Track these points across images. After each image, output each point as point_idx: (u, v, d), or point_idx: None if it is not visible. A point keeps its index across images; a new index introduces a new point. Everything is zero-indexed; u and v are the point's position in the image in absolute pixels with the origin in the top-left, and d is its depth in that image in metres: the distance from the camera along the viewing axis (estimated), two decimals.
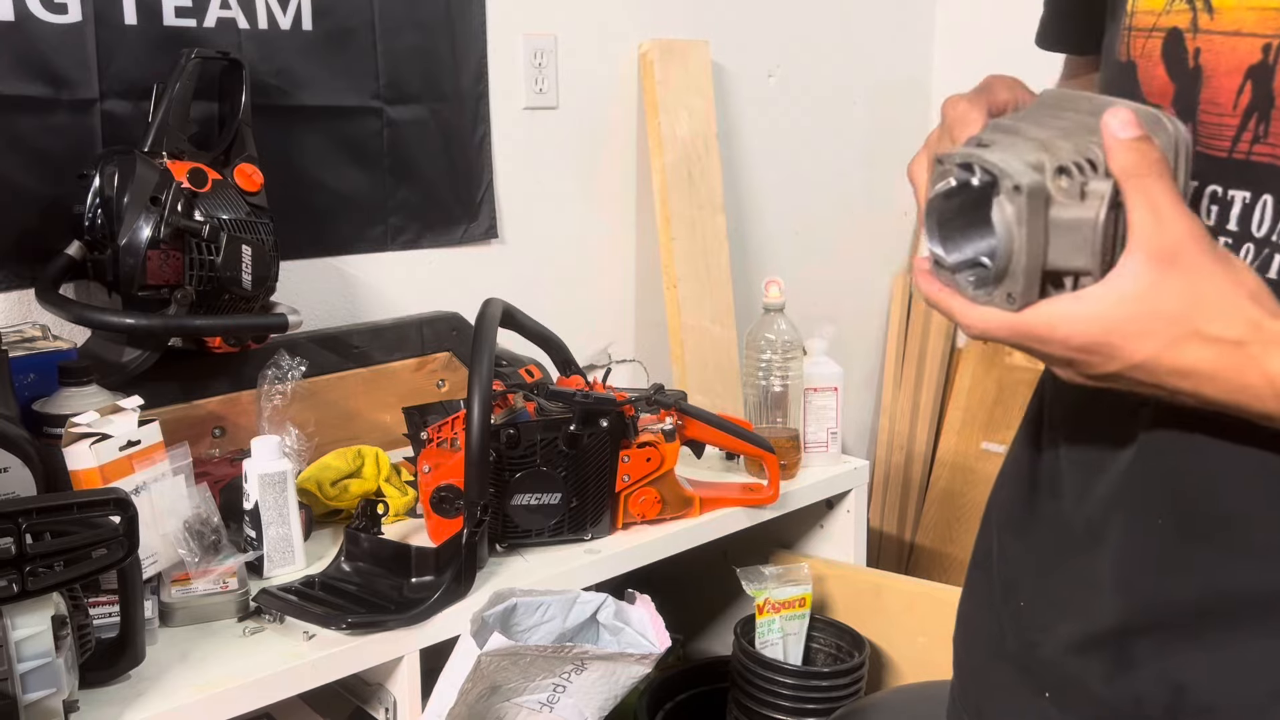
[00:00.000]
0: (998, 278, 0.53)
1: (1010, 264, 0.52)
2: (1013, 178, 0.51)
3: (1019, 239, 0.51)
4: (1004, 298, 0.53)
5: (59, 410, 1.12)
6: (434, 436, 1.25)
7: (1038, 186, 0.51)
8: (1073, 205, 0.51)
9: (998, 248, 0.52)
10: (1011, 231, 0.51)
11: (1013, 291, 0.52)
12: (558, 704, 1.09)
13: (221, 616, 1.09)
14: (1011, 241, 0.51)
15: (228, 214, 1.28)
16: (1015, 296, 0.52)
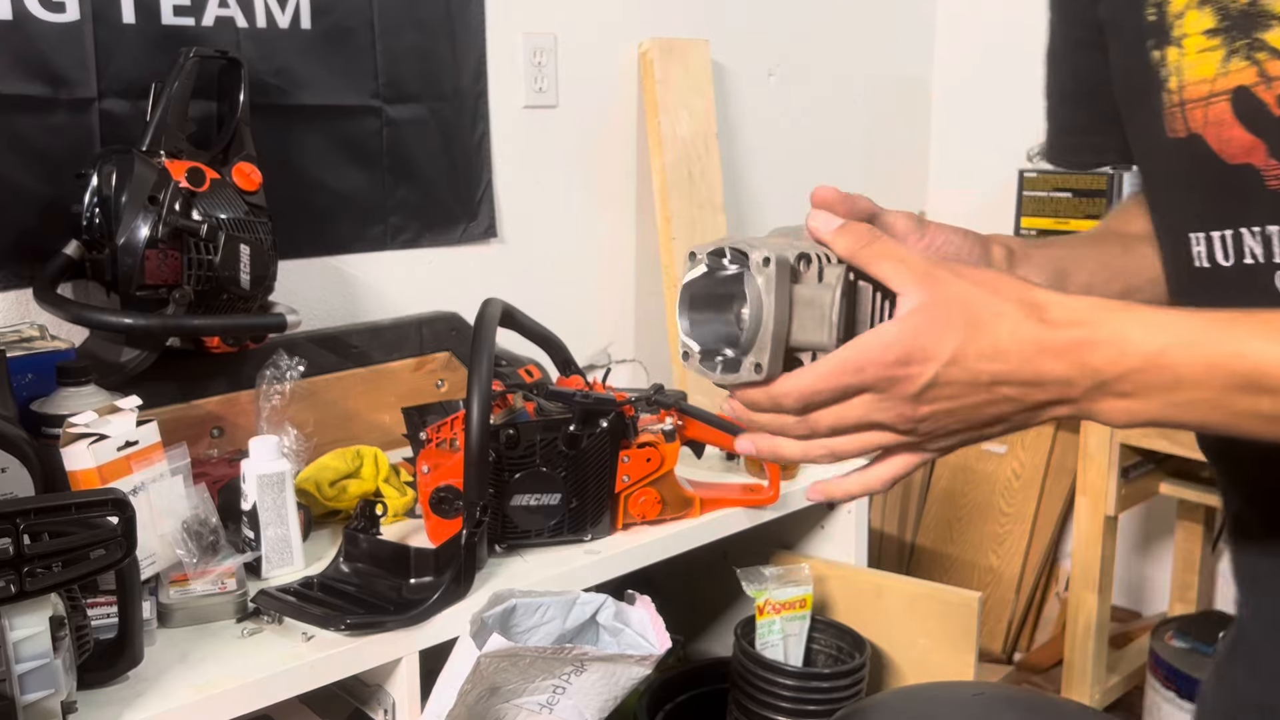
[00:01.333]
0: (746, 349, 0.56)
1: (759, 334, 0.56)
2: (762, 252, 0.55)
3: (768, 307, 0.55)
4: (752, 368, 0.56)
5: (57, 410, 1.12)
6: (433, 437, 1.24)
7: (784, 259, 0.56)
8: (813, 285, 0.57)
9: (747, 321, 0.56)
10: (761, 300, 0.55)
11: (760, 361, 0.56)
12: (557, 705, 1.09)
13: (220, 617, 1.09)
14: (761, 310, 0.55)
15: (226, 213, 1.28)
16: (763, 366, 0.56)
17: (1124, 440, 1.83)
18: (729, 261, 0.57)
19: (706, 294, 0.59)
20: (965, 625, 1.45)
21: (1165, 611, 2.29)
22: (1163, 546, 2.35)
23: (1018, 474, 2.29)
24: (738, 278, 0.57)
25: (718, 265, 0.58)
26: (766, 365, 0.55)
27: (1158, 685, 1.78)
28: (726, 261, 0.57)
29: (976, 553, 2.32)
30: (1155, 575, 2.37)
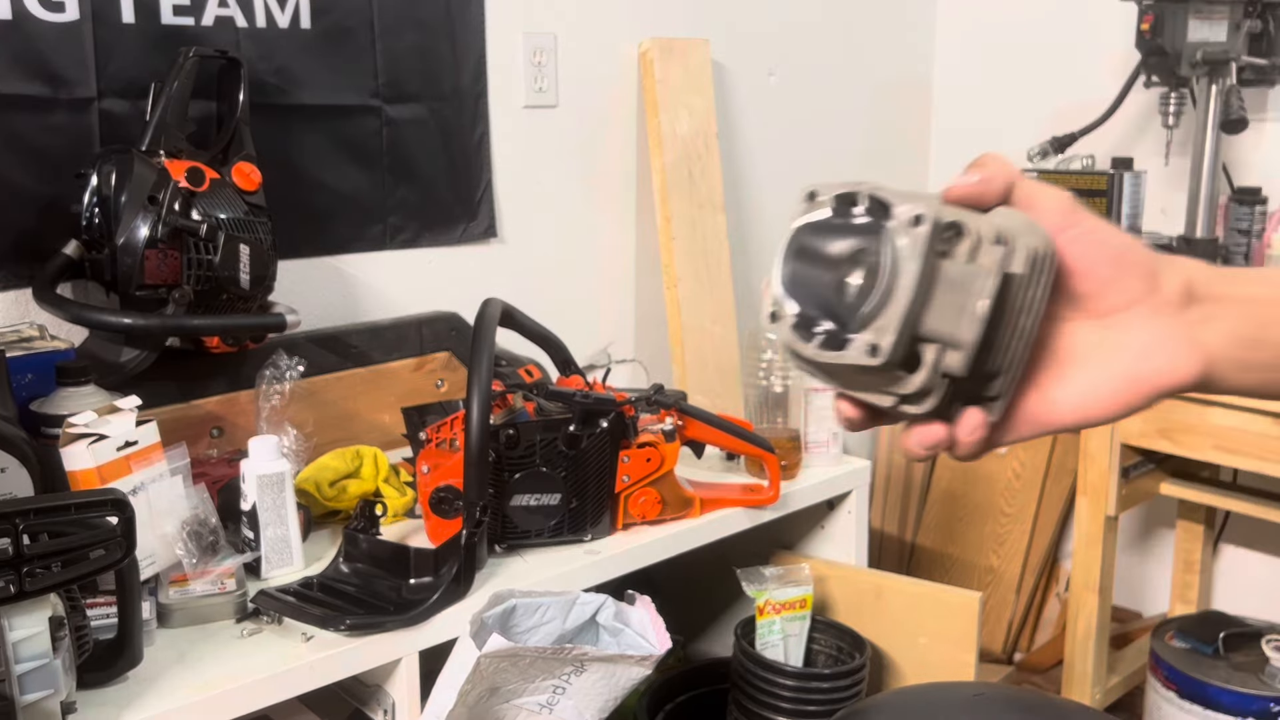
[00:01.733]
0: (862, 323, 0.44)
1: (886, 308, 0.44)
2: (913, 206, 0.44)
3: (907, 278, 0.44)
4: (865, 350, 0.44)
5: (57, 410, 1.12)
6: (433, 437, 1.24)
7: (940, 223, 0.44)
8: (962, 264, 0.45)
9: (873, 288, 0.44)
10: (899, 268, 0.44)
11: (879, 343, 0.44)
12: (557, 705, 1.08)
13: (219, 618, 1.09)
14: (896, 280, 0.44)
15: (226, 213, 1.28)
16: (881, 350, 0.44)
17: (1125, 440, 1.83)
18: (862, 211, 0.46)
19: (822, 245, 0.47)
20: (965, 625, 1.45)
21: (1166, 612, 2.29)
22: (1163, 546, 2.34)
23: (1018, 474, 2.29)
24: (870, 232, 0.45)
25: (845, 212, 0.46)
26: (886, 349, 0.44)
27: (1158, 686, 1.78)
28: (859, 210, 0.46)
29: (977, 553, 2.32)
30: (1156, 575, 2.37)
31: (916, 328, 0.44)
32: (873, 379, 0.46)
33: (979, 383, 0.47)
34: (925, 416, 0.47)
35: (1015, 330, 0.46)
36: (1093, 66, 2.19)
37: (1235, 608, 1.99)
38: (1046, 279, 0.46)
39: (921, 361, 0.45)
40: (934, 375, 0.45)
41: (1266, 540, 2.19)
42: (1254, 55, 1.85)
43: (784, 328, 0.47)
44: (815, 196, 0.47)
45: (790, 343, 0.47)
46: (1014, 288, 0.45)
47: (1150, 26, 1.85)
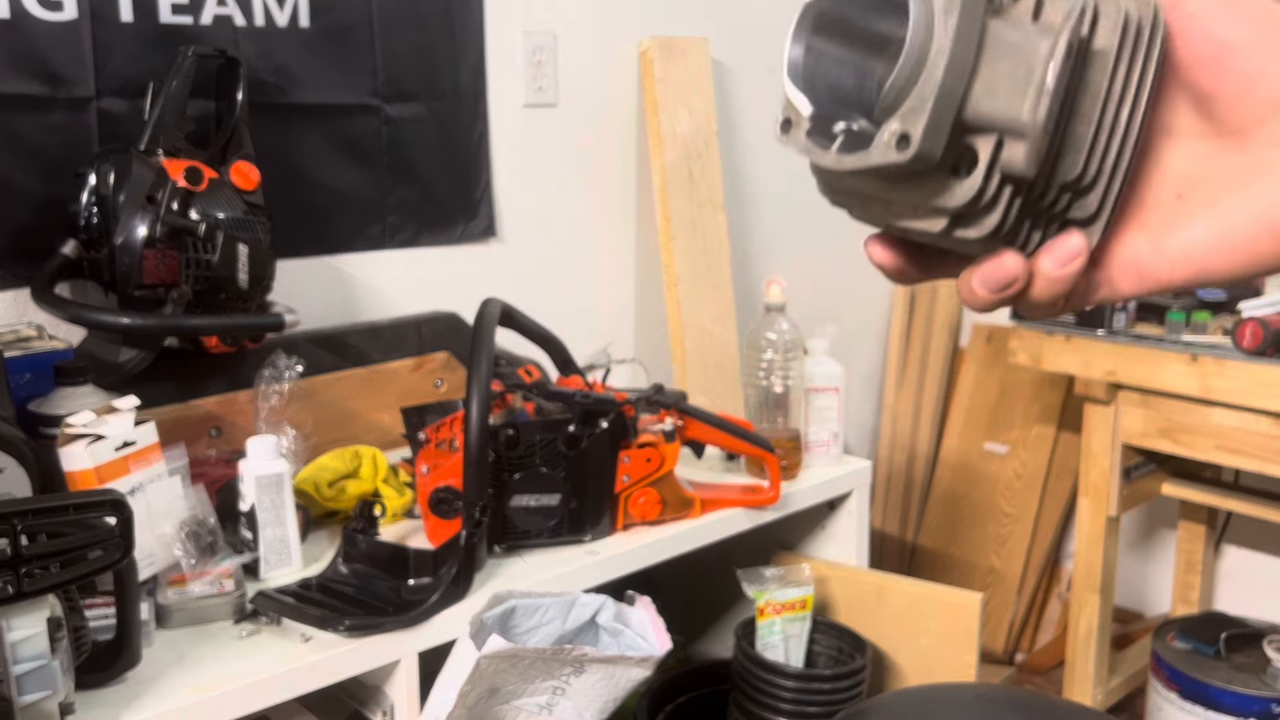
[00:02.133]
0: (890, 106, 0.34)
1: (918, 82, 0.33)
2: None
3: (944, 35, 0.33)
4: (892, 140, 0.34)
5: (55, 410, 1.11)
6: (432, 437, 1.24)
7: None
8: (1024, 25, 0.34)
9: (904, 56, 0.33)
10: (931, 26, 0.33)
11: (909, 130, 0.33)
12: (557, 707, 1.08)
13: (218, 618, 1.08)
14: (928, 42, 0.33)
15: (224, 213, 1.27)
16: (912, 138, 0.33)
17: (1126, 441, 1.82)
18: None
19: (841, 15, 0.37)
20: (967, 626, 1.44)
21: (1167, 612, 2.28)
22: (1165, 547, 2.34)
23: (1019, 474, 2.29)
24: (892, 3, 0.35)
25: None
26: (918, 137, 0.33)
27: (1160, 687, 1.78)
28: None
29: (978, 553, 2.32)
30: (1157, 576, 2.36)
31: (961, 108, 0.34)
32: (912, 192, 0.35)
33: (1062, 198, 0.36)
34: (989, 242, 0.36)
35: (1107, 123, 0.35)
36: None
37: (1237, 608, 1.99)
38: (1149, 56, 0.35)
39: (975, 160, 0.34)
40: (991, 177, 0.34)
41: (1268, 541, 2.18)
42: None
43: (798, 134, 0.37)
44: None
45: (806, 151, 0.36)
46: (1099, 62, 0.35)
47: None
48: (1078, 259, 0.36)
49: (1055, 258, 0.36)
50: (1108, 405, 1.81)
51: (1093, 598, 1.90)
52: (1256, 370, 1.60)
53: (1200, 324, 1.75)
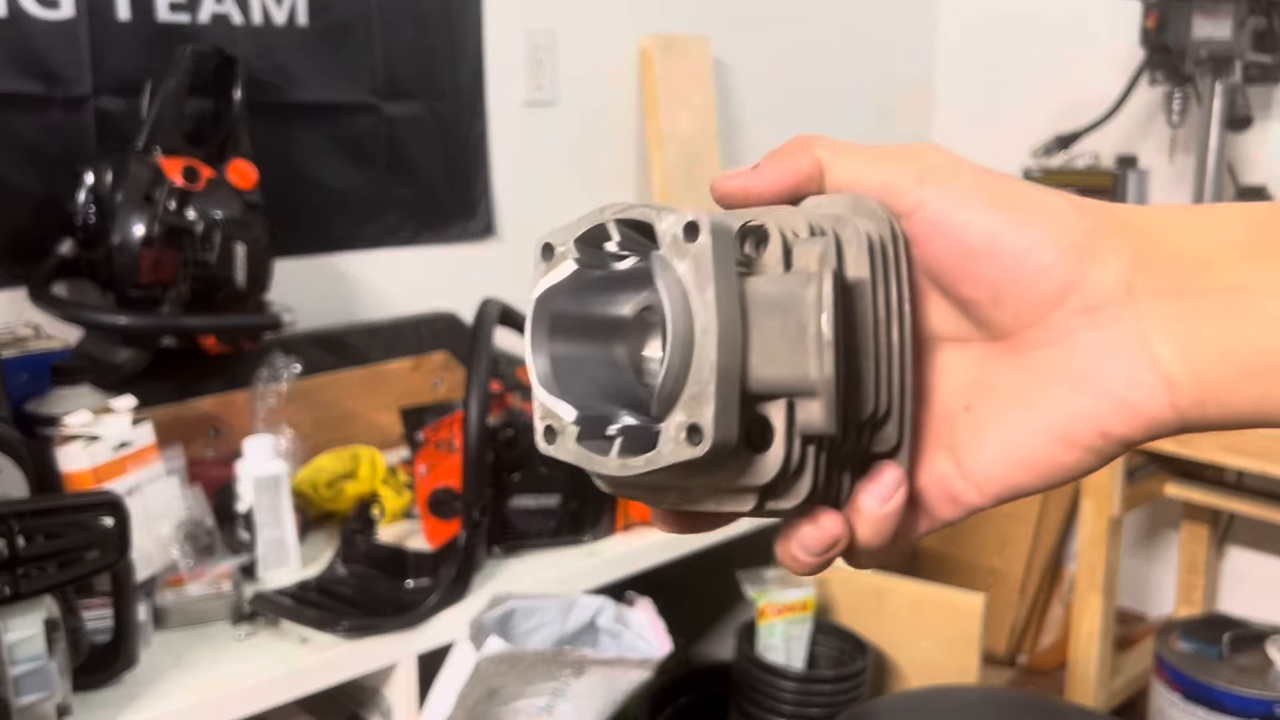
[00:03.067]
0: (669, 397, 0.31)
1: (695, 366, 0.30)
2: (682, 216, 0.31)
3: (705, 314, 0.30)
4: (680, 434, 0.30)
5: (52, 411, 1.11)
6: (431, 438, 1.23)
7: (724, 228, 0.32)
8: (778, 278, 0.32)
9: (669, 345, 0.30)
10: (689, 304, 0.31)
11: (698, 421, 0.30)
12: (556, 709, 1.07)
13: (216, 620, 1.08)
14: (690, 322, 0.30)
15: (222, 212, 1.27)
16: (703, 430, 0.30)
17: None
18: (617, 246, 0.33)
19: (578, 312, 0.35)
20: (969, 628, 1.44)
21: (1170, 614, 2.28)
22: (1167, 548, 2.33)
23: None
24: (637, 276, 0.33)
25: (595, 258, 0.34)
26: (709, 426, 0.30)
27: (1163, 688, 1.77)
28: (613, 247, 0.34)
29: (980, 554, 2.31)
30: (1160, 577, 2.36)
31: (744, 383, 0.31)
32: (708, 476, 0.32)
33: (862, 436, 0.34)
34: (804, 507, 0.33)
35: (884, 351, 0.33)
36: (1097, 63, 2.18)
37: (1240, 610, 1.98)
38: (899, 272, 0.33)
39: (770, 430, 0.32)
40: (793, 442, 0.32)
41: (1271, 542, 2.17)
42: (1259, 52, 1.84)
43: (566, 442, 0.33)
44: (552, 250, 0.35)
45: (582, 460, 0.32)
46: (858, 292, 0.33)
47: (1155, 23, 1.84)
48: (900, 488, 0.33)
49: (877, 495, 0.33)
50: None
51: (1095, 599, 1.90)
52: None
53: None
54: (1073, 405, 0.32)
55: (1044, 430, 0.32)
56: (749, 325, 0.31)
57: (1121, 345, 0.31)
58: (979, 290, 0.33)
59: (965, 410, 0.34)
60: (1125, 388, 0.31)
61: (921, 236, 0.33)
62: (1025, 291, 0.32)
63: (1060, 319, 0.32)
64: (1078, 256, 0.31)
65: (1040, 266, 0.32)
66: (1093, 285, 0.31)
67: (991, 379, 0.34)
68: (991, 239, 0.32)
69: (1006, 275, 0.32)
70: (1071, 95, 2.19)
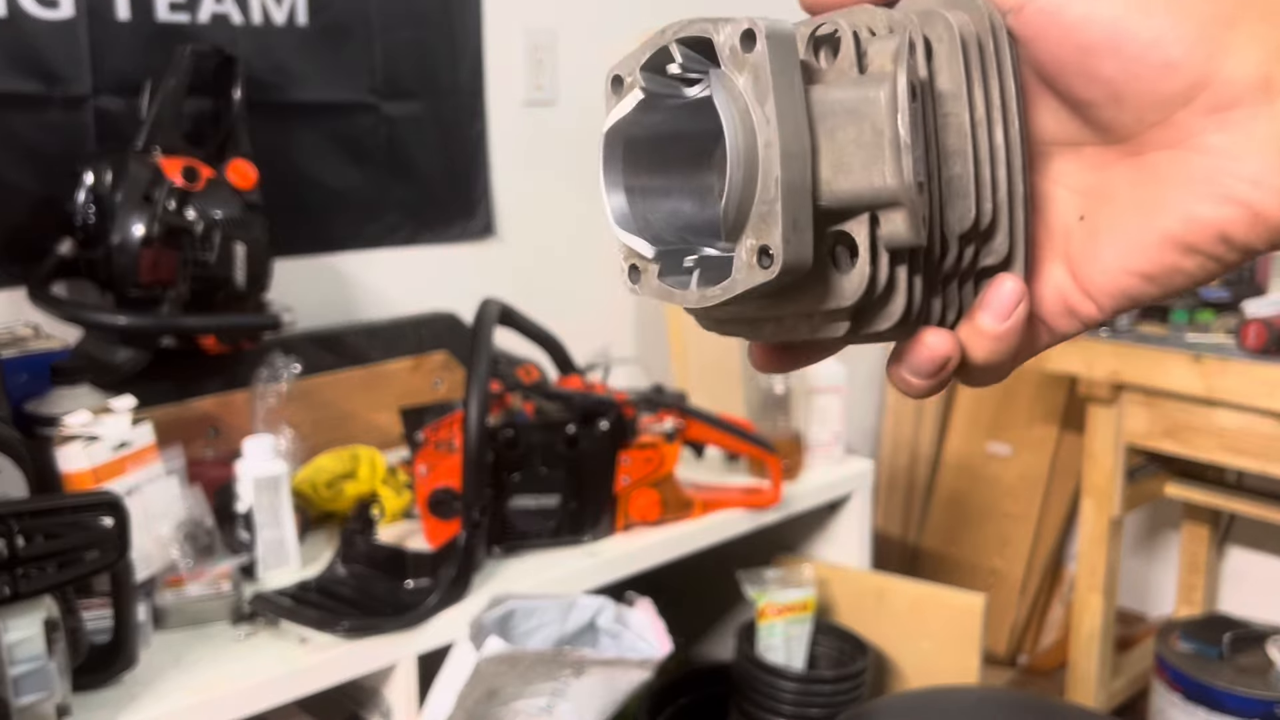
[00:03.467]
0: (737, 220, 0.29)
1: (761, 185, 0.29)
2: (739, 25, 0.29)
3: (767, 127, 0.28)
4: (752, 258, 0.29)
5: (51, 411, 1.11)
6: (430, 438, 1.23)
7: (783, 34, 0.29)
8: (849, 82, 0.30)
9: (730, 163, 0.29)
10: (749, 119, 0.29)
11: (768, 243, 0.28)
12: (556, 709, 1.07)
13: (215, 620, 1.08)
14: (753, 137, 0.29)
15: (222, 212, 1.27)
16: (773, 251, 0.28)
17: (1129, 442, 1.81)
18: (679, 68, 0.31)
19: (650, 143, 0.32)
20: (969, 628, 1.44)
21: (1170, 614, 2.28)
22: (1168, 548, 2.33)
23: (1022, 475, 2.28)
24: (707, 102, 0.30)
25: (662, 84, 0.32)
26: (780, 249, 0.28)
27: (1163, 689, 1.77)
28: (675, 69, 0.31)
29: (980, 555, 2.31)
30: (1160, 577, 2.35)
31: (816, 198, 0.29)
32: (797, 303, 0.31)
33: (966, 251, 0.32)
34: (904, 328, 0.31)
35: (985, 154, 0.31)
36: None
37: (1240, 610, 1.98)
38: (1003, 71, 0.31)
39: (854, 245, 0.30)
40: (879, 260, 0.30)
41: (1272, 542, 2.17)
42: None
43: (649, 280, 0.32)
44: (621, 81, 0.32)
45: (664, 296, 0.32)
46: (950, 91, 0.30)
47: None
48: (1020, 303, 0.31)
49: (995, 311, 0.31)
50: (1111, 405, 1.80)
51: (1095, 599, 1.89)
52: (1260, 370, 1.60)
53: (1204, 324, 1.74)
54: (1195, 210, 0.30)
55: (1164, 237, 0.31)
56: (818, 136, 0.29)
57: (1251, 147, 0.29)
58: (1096, 89, 0.30)
59: (1080, 220, 0.32)
60: (1250, 191, 0.29)
61: (1032, 32, 0.31)
62: (1149, 90, 0.30)
63: (1187, 118, 0.30)
64: (1210, 49, 0.29)
65: (1168, 62, 0.29)
66: (1224, 82, 0.29)
67: (1108, 185, 0.32)
68: (1113, 33, 0.29)
69: (1129, 72, 0.30)
70: None
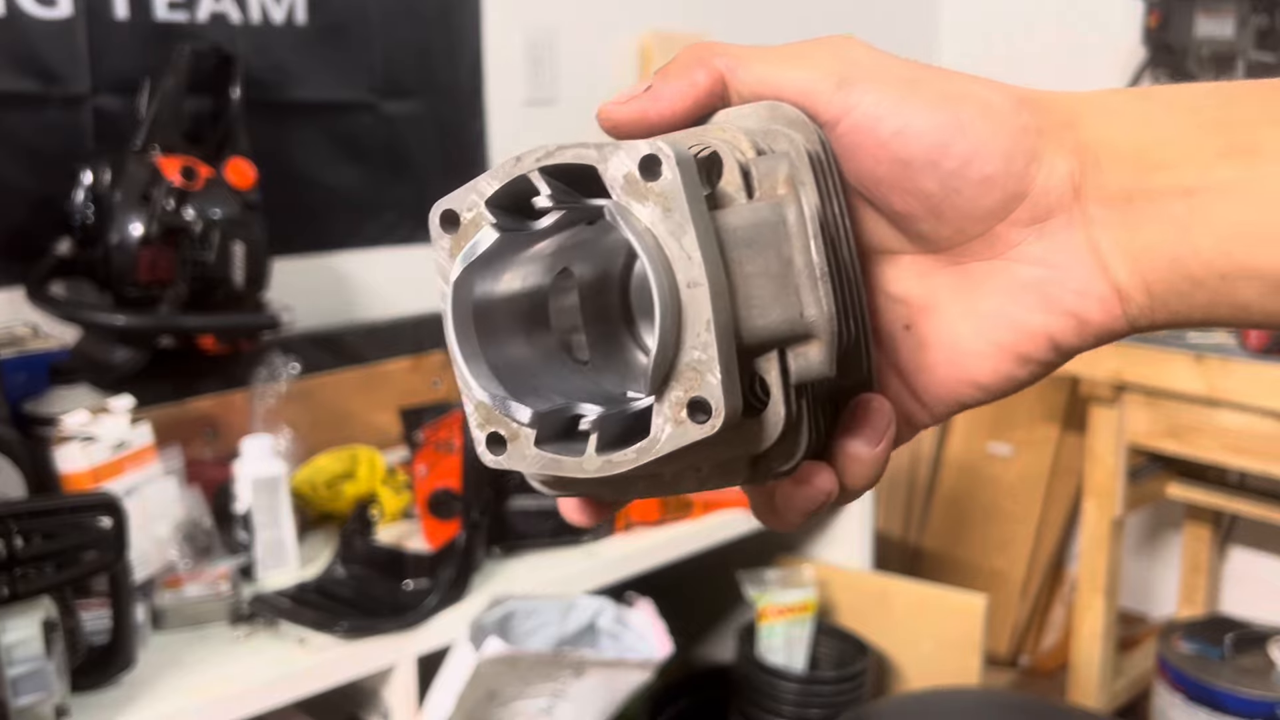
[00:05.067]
0: (663, 374, 0.25)
1: (686, 333, 0.25)
2: (631, 152, 0.26)
3: (685, 260, 0.25)
4: (680, 411, 0.25)
5: (49, 411, 1.10)
6: (430, 438, 1.23)
7: (686, 158, 0.26)
8: (745, 208, 0.27)
9: (658, 305, 0.25)
10: (670, 252, 0.25)
11: (706, 395, 0.25)
12: (556, 710, 1.07)
13: (214, 621, 1.07)
14: (673, 280, 0.25)
15: (220, 211, 1.26)
16: (713, 403, 0.25)
17: (1131, 442, 1.81)
18: (549, 198, 0.27)
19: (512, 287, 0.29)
20: (970, 629, 1.43)
21: (1172, 615, 2.27)
22: (1170, 549, 2.33)
23: (1023, 476, 2.27)
24: (582, 227, 0.28)
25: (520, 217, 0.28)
26: (721, 401, 0.25)
27: (1165, 690, 1.76)
28: (543, 200, 0.27)
29: (981, 555, 2.30)
30: (1162, 578, 2.35)
31: (741, 337, 0.26)
32: (694, 455, 0.27)
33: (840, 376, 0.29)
34: (797, 466, 0.29)
35: (847, 272, 0.29)
36: (1099, 62, 2.17)
37: (1242, 610, 1.98)
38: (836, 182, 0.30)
39: (766, 387, 0.27)
40: (791, 398, 0.27)
41: (1274, 542, 2.17)
42: (1262, 51, 1.83)
43: (522, 450, 0.27)
44: (455, 218, 0.28)
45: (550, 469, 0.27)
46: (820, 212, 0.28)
47: (1157, 22, 1.84)
48: (891, 423, 0.30)
49: (871, 435, 0.30)
50: (1112, 406, 1.80)
51: (1097, 600, 1.89)
52: (1262, 370, 1.59)
53: None
54: (1023, 320, 0.30)
55: (998, 348, 0.31)
56: (732, 269, 0.27)
57: (1070, 256, 0.29)
58: (916, 203, 0.30)
59: (906, 329, 0.32)
60: (1076, 300, 0.29)
61: (850, 145, 0.30)
62: (968, 204, 0.29)
63: (1006, 230, 0.30)
64: (1024, 162, 0.29)
65: (984, 176, 0.29)
66: (1040, 193, 0.29)
67: (931, 294, 0.31)
68: (931, 147, 0.29)
69: (948, 187, 0.29)
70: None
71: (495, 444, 0.27)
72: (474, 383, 0.27)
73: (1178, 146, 0.29)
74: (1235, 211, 0.28)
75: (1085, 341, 0.30)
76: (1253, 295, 0.28)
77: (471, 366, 0.28)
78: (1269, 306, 0.28)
